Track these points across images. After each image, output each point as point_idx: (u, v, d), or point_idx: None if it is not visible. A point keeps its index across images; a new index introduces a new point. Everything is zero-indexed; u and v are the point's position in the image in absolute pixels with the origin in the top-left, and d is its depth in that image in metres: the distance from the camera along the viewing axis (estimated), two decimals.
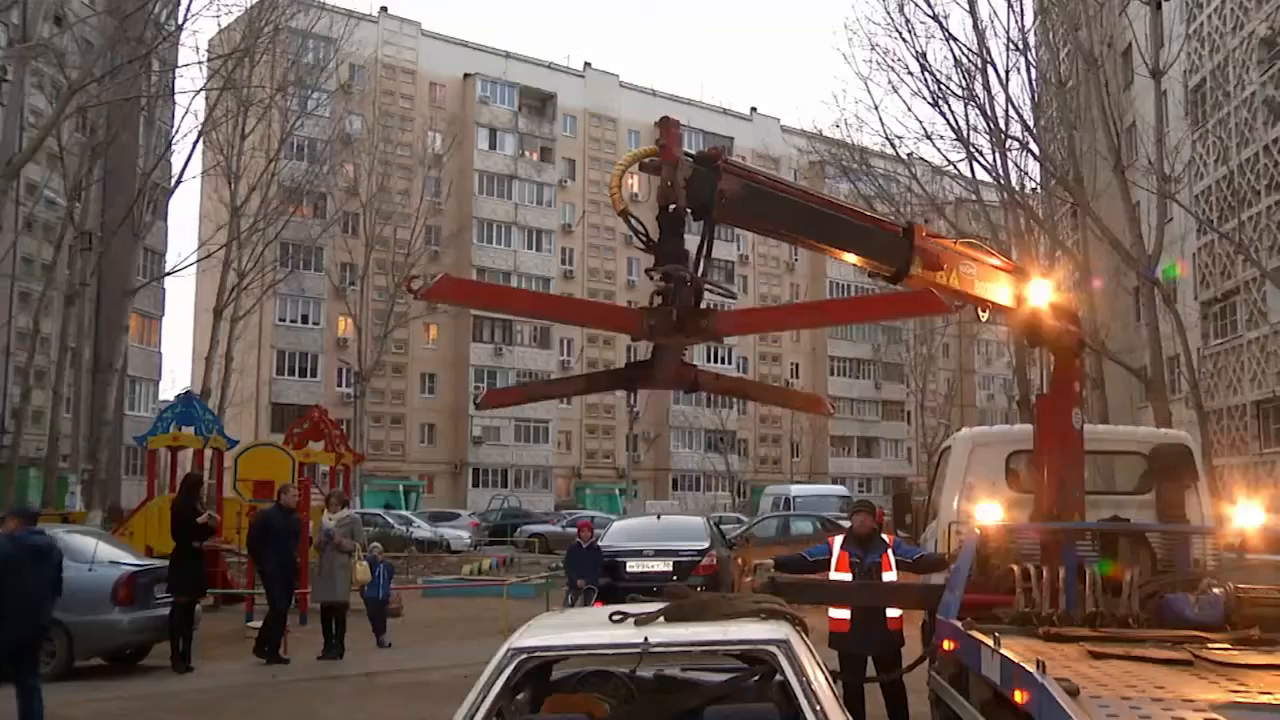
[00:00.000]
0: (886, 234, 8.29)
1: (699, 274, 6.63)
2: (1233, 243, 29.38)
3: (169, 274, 44.29)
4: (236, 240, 39.39)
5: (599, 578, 15.98)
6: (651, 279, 6.59)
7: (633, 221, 6.76)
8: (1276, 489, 27.85)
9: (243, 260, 40.20)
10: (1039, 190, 32.99)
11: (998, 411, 75.32)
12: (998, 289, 8.81)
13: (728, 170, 7.12)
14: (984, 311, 9.39)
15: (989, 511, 8.86)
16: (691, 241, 6.73)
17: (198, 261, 39.06)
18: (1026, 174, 31.50)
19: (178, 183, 37.14)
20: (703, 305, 6.61)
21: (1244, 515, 9.10)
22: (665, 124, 6.74)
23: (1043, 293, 8.93)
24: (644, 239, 6.64)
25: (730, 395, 14.01)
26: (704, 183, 6.87)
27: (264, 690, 12.46)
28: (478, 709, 4.58)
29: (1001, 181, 29.05)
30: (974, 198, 32.62)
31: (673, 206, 6.57)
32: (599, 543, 17.86)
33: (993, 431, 12.40)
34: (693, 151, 7.11)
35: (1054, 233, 30.61)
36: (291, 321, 66.42)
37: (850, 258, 8.58)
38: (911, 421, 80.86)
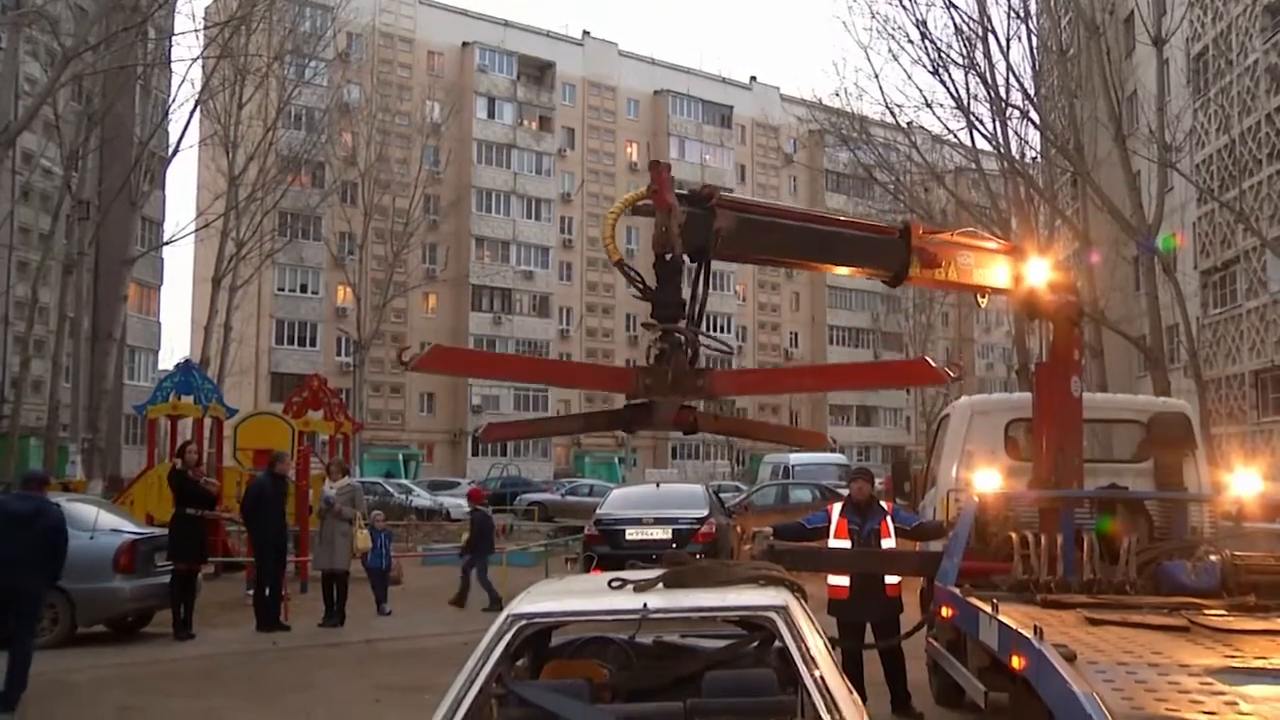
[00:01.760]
0: (884, 239, 8.29)
1: (697, 320, 6.59)
2: (1233, 212, 29.30)
3: (167, 243, 44.15)
4: (235, 209, 39.26)
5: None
6: (649, 330, 6.54)
7: (629, 271, 6.70)
8: (1274, 458, 27.93)
9: (241, 229, 40.09)
10: (1039, 159, 32.86)
11: (996, 380, 75.38)
12: (996, 272, 8.82)
13: (721, 207, 7.08)
14: (983, 297, 9.41)
15: (987, 479, 8.89)
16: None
17: (196, 231, 38.96)
18: (1027, 143, 31.39)
19: (175, 152, 37.08)
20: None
21: (1241, 483, 9.14)
22: (655, 169, 6.65)
23: (1040, 270, 8.92)
24: (641, 288, 6.60)
25: (730, 435, 14.01)
26: (699, 225, 6.81)
27: (264, 657, 12.53)
28: (477, 675, 4.59)
29: (1001, 150, 28.93)
30: (974, 167, 32.49)
31: (669, 255, 6.51)
32: (598, 510, 17.94)
33: (992, 400, 12.41)
34: (684, 191, 7.05)
35: (1054, 202, 30.51)
36: (290, 291, 66.32)
37: (846, 270, 8.59)
38: (910, 390, 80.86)
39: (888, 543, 9.44)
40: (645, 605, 4.99)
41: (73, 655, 10.81)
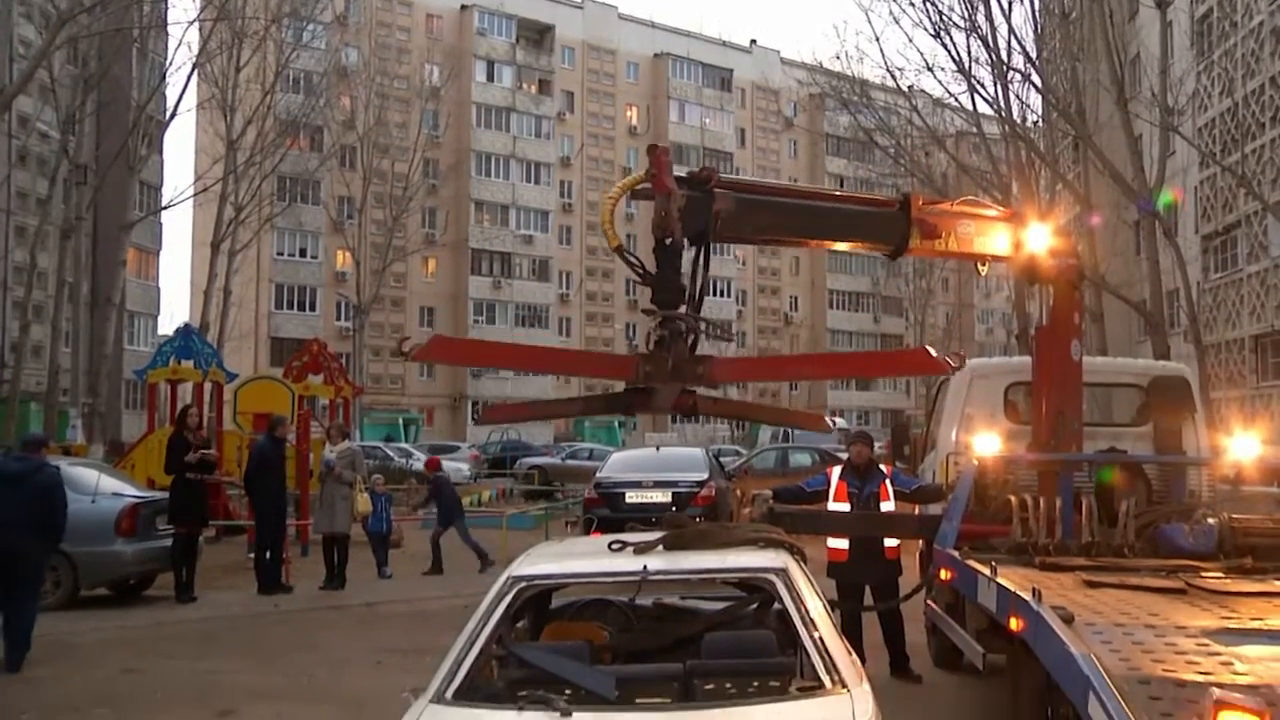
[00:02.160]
0: (883, 212, 8.29)
1: (697, 304, 6.57)
2: (1235, 176, 29.18)
3: (165, 208, 44.06)
4: (233, 174, 39.10)
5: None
6: (649, 318, 6.52)
7: (629, 257, 6.67)
8: (1273, 422, 27.97)
9: (239, 194, 39.94)
10: (1040, 123, 32.71)
11: (996, 345, 75.35)
12: (996, 239, 8.82)
13: (720, 188, 7.04)
14: (983, 265, 9.40)
15: (987, 442, 8.91)
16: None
17: (194, 195, 38.86)
18: (1028, 106, 31.22)
19: (172, 116, 36.84)
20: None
21: (1240, 447, 9.16)
22: (653, 153, 6.60)
23: (1041, 236, 8.90)
24: (641, 273, 6.58)
25: (731, 417, 14.17)
26: (698, 209, 6.80)
27: (266, 619, 12.60)
28: (477, 636, 4.62)
29: (1003, 114, 28.78)
30: (975, 131, 32.34)
31: (669, 240, 6.47)
32: (598, 474, 17.96)
33: (991, 363, 12.43)
34: (683, 173, 7.01)
35: (1055, 166, 30.37)
36: (289, 255, 66.19)
37: (846, 246, 8.57)
38: None
39: (887, 506, 9.46)
40: (645, 567, 5.01)
41: (75, 618, 10.87)
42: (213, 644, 11.00)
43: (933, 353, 6.86)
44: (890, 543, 9.45)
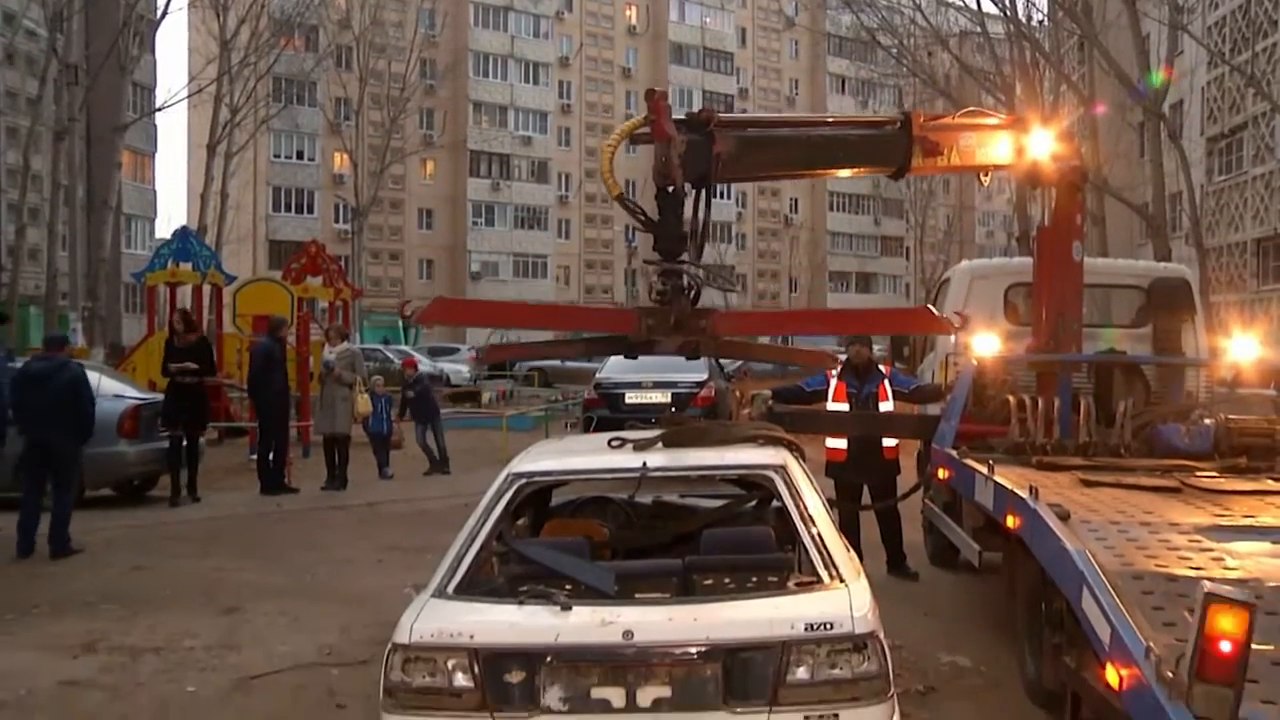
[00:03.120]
0: (885, 134, 8.23)
1: (700, 247, 6.52)
2: (1244, 76, 28.81)
3: (159, 110, 43.51)
4: (227, 74, 38.55)
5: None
6: (652, 267, 6.49)
7: (630, 205, 6.60)
8: (1272, 325, 28.00)
9: (234, 95, 39.45)
10: (1046, 22, 32.21)
11: (997, 248, 74.93)
12: (998, 148, 8.74)
13: (721, 127, 6.94)
14: (985, 176, 9.33)
15: (986, 343, 8.91)
16: None
17: (188, 97, 38.53)
18: (1033, 5, 30.84)
19: (164, 14, 36.10)
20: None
21: (1239, 348, 9.17)
22: (652, 98, 6.50)
23: (1044, 142, 8.80)
24: (642, 220, 6.51)
25: (733, 358, 14.36)
26: (700, 152, 6.75)
27: (269, 519, 12.73)
28: (478, 533, 4.66)
29: (1007, 13, 28.32)
30: (979, 30, 31.84)
31: (671, 187, 6.39)
32: (598, 374, 18.02)
33: (992, 264, 12.39)
34: (683, 115, 6.91)
35: (1060, 67, 29.97)
36: (286, 158, 65.60)
37: (849, 173, 8.52)
38: (910, 257, 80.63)
39: (885, 406, 9.51)
40: (644, 464, 5.04)
41: (81, 518, 10.96)
42: (217, 543, 11.12)
43: (935, 311, 6.87)
44: (889, 443, 9.51)
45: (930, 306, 7.41)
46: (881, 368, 9.91)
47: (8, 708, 6.28)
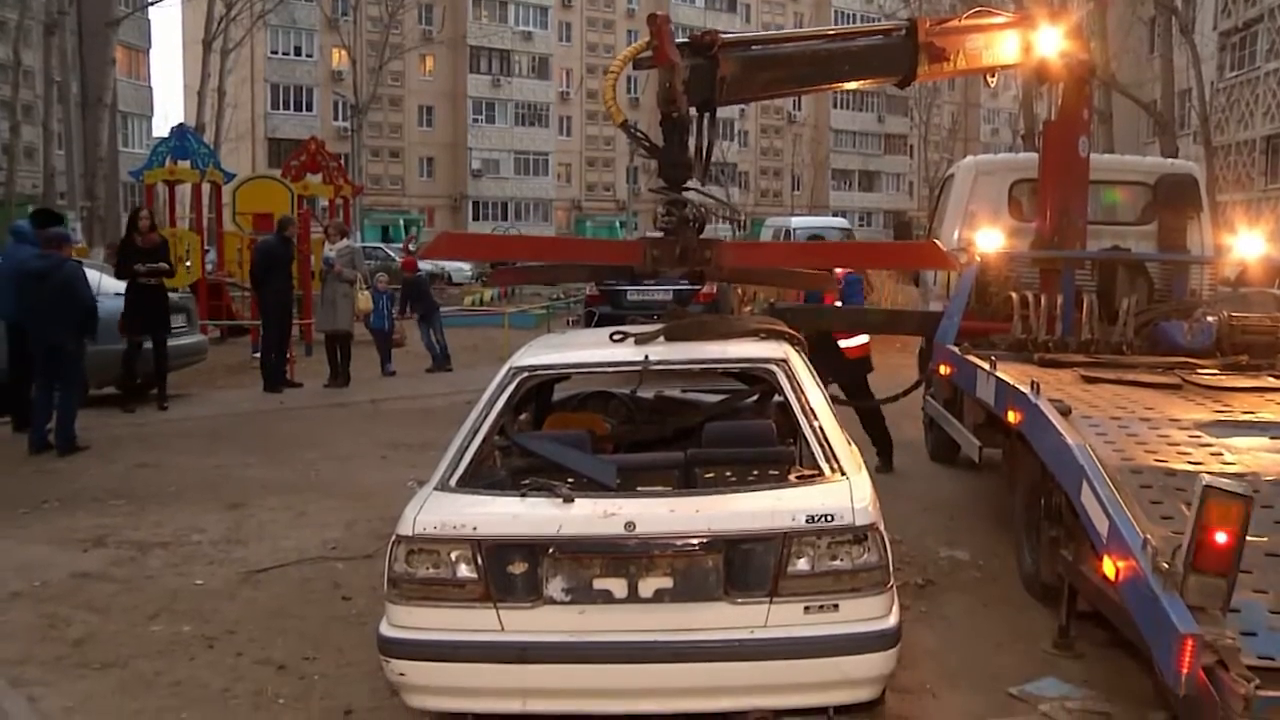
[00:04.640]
0: (889, 43, 8.07)
1: (705, 168, 6.42)
2: None
3: (152, 3, 42.71)
4: None
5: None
6: (657, 195, 6.39)
7: (634, 131, 6.48)
8: (1278, 224, 27.81)
9: None
10: None
11: (1002, 146, 73.87)
12: (1005, 48, 8.57)
13: (725, 48, 6.80)
14: (992, 77, 9.18)
15: (990, 239, 8.85)
16: None
17: None
18: None
19: None
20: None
21: (1244, 245, 9.11)
22: (654, 22, 6.32)
23: (1052, 39, 8.64)
24: (647, 147, 6.40)
25: (738, 282, 14.32)
26: (704, 77, 6.64)
27: (272, 416, 12.78)
28: (480, 426, 4.67)
29: None
30: None
31: (675, 114, 6.27)
32: None
33: (997, 159, 12.21)
34: (685, 39, 6.75)
35: None
36: (284, 54, 64.68)
37: (855, 85, 8.39)
38: (914, 155, 79.84)
39: None
40: (646, 356, 5.04)
41: (84, 416, 10.99)
42: (221, 440, 11.19)
43: (941, 246, 6.79)
44: (850, 343, 9.51)
45: (936, 241, 7.35)
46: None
47: (25, 597, 6.39)
